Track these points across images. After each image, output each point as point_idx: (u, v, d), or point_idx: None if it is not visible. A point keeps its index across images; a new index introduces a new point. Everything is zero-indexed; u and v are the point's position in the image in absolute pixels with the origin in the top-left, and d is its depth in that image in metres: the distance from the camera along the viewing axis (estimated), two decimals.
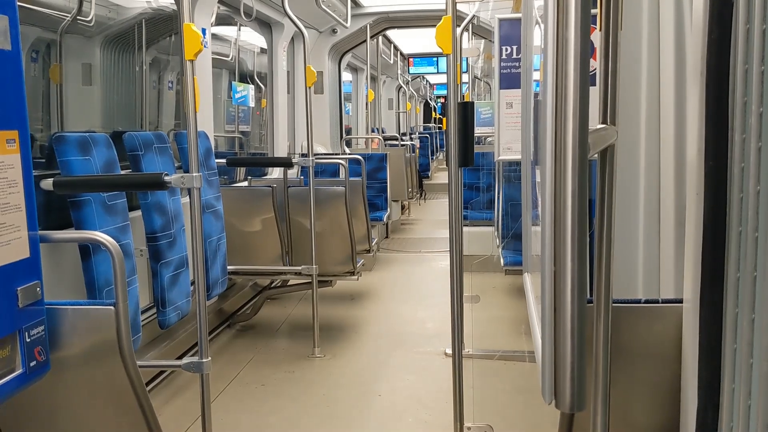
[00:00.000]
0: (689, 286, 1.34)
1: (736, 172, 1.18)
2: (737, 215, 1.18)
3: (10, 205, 1.37)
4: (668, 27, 2.02)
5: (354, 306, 5.19)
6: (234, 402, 3.44)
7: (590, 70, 0.76)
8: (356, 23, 7.00)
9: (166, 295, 2.99)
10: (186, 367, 2.46)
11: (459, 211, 2.63)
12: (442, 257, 6.84)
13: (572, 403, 0.81)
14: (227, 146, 6.01)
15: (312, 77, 4.00)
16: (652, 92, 2.10)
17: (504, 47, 3.63)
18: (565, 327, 0.79)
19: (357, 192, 4.92)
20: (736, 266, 1.18)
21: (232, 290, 4.65)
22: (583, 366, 0.79)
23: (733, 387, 1.19)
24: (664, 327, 1.47)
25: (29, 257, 1.45)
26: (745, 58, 1.16)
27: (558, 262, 0.79)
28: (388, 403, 3.42)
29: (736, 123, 1.18)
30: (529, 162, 2.32)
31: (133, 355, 1.60)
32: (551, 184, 0.78)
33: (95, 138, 2.69)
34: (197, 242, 2.46)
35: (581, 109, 0.76)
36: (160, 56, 4.72)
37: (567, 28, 0.76)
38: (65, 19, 3.54)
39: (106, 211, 2.62)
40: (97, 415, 1.71)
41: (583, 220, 0.79)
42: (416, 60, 13.32)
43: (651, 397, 1.50)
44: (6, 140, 1.36)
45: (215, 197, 3.70)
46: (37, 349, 1.46)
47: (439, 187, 12.31)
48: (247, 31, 6.16)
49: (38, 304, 1.49)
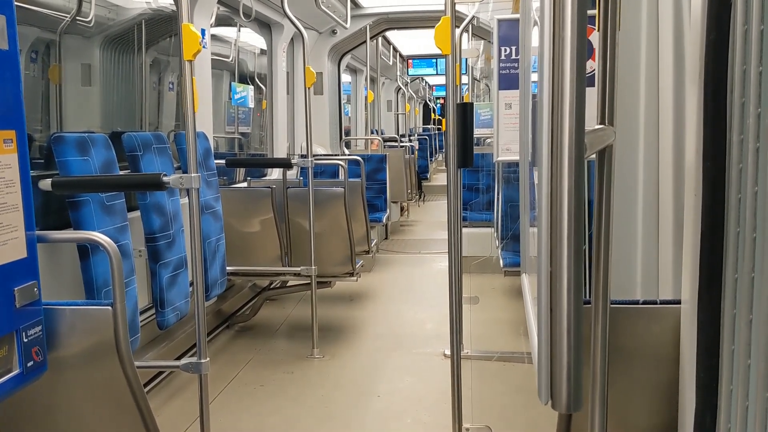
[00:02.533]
0: (687, 287, 1.34)
1: (734, 172, 1.18)
2: (735, 216, 1.18)
3: (7, 205, 1.37)
4: (667, 28, 2.03)
5: (353, 307, 5.18)
6: (233, 402, 3.44)
7: (589, 70, 0.77)
8: (356, 24, 7.00)
9: (164, 295, 2.98)
10: (185, 368, 2.46)
11: (458, 212, 2.63)
12: (441, 258, 6.84)
13: (568, 403, 0.81)
14: (227, 147, 6.01)
15: (311, 78, 4.00)
16: (650, 93, 2.10)
17: (503, 48, 3.63)
18: (561, 326, 0.79)
19: (356, 193, 4.92)
20: (734, 267, 1.18)
21: (231, 291, 4.65)
22: (579, 366, 0.79)
23: (731, 388, 1.19)
24: (662, 328, 1.47)
25: (26, 257, 1.45)
26: (743, 59, 1.16)
27: (554, 262, 0.79)
28: (387, 404, 3.42)
29: (734, 124, 1.18)
30: (527, 163, 2.32)
31: (131, 356, 1.60)
32: (548, 184, 0.78)
33: (94, 138, 2.68)
34: (196, 243, 2.46)
35: (578, 108, 0.76)
36: (160, 57, 4.72)
37: (564, 28, 0.76)
38: (64, 20, 3.54)
39: (104, 211, 2.62)
40: (95, 415, 1.71)
41: (579, 220, 0.78)
42: (415, 61, 13.32)
43: (649, 398, 1.50)
44: (3, 140, 1.36)
45: (214, 198, 3.70)
46: (34, 349, 1.46)
47: (438, 188, 12.32)
48: (247, 32, 6.16)
49: (35, 304, 1.49)
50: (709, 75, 1.23)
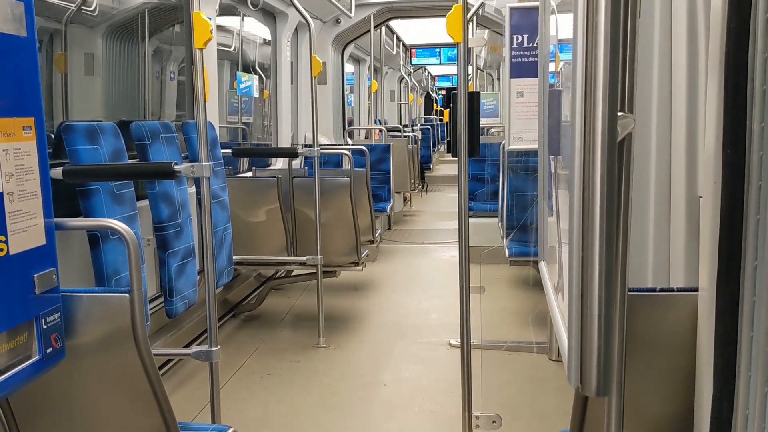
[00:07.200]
0: (705, 274, 1.34)
1: (755, 160, 1.18)
2: (755, 203, 1.18)
3: (26, 192, 1.37)
4: (680, 15, 2.02)
5: (358, 297, 5.20)
6: (240, 391, 3.46)
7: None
8: (360, 13, 6.97)
9: (173, 284, 2.99)
10: (196, 356, 2.47)
11: (467, 202, 2.64)
12: (445, 249, 6.85)
13: (598, 387, 0.81)
14: (229, 137, 6.00)
15: (318, 67, 3.99)
16: (663, 81, 2.10)
17: (515, 36, 3.64)
18: (592, 311, 0.79)
19: (361, 183, 4.91)
20: (754, 254, 1.18)
21: (237, 280, 4.66)
22: (610, 351, 0.80)
23: (749, 375, 1.19)
24: (678, 316, 1.47)
25: (45, 244, 1.45)
26: (765, 47, 1.16)
27: (585, 248, 0.79)
28: (393, 393, 3.44)
29: (755, 112, 1.18)
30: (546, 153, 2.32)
31: (148, 343, 1.61)
32: (580, 170, 0.78)
33: (103, 127, 2.68)
34: (207, 231, 2.46)
35: (611, 92, 0.76)
36: (163, 47, 4.71)
37: (597, 13, 0.76)
38: (69, 9, 3.53)
39: (114, 200, 2.62)
40: (111, 401, 1.72)
41: (612, 206, 0.79)
42: (418, 51, 13.29)
43: (665, 385, 1.51)
44: (23, 127, 1.36)
45: (221, 187, 3.70)
46: (53, 335, 1.47)
47: (441, 179, 12.31)
48: (250, 22, 6.14)
49: (54, 291, 1.50)
50: (730, 63, 1.22)
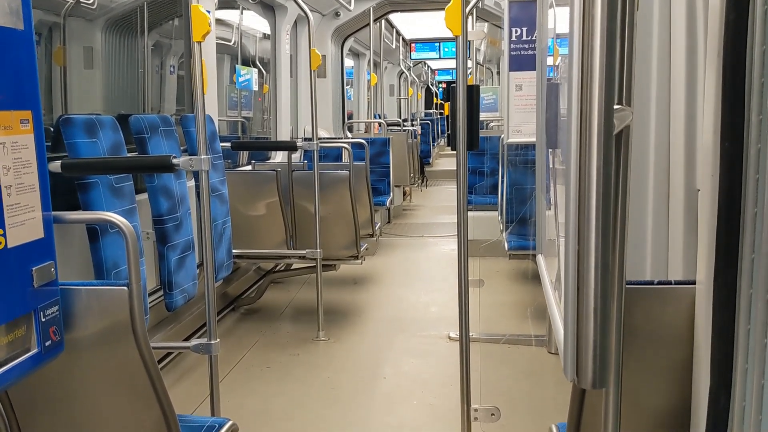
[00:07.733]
0: (702, 266, 1.34)
1: (753, 153, 1.18)
2: (753, 196, 1.18)
3: (24, 185, 1.37)
4: (679, 7, 2.01)
5: (357, 290, 5.20)
6: (239, 384, 3.46)
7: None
8: (360, 6, 6.96)
9: (172, 277, 2.99)
10: (195, 349, 2.47)
11: (466, 195, 2.64)
12: (444, 242, 6.85)
13: (594, 379, 0.82)
14: (229, 131, 6.00)
15: (317, 60, 3.99)
16: (662, 73, 2.09)
17: (514, 29, 3.65)
18: (588, 304, 0.80)
19: (360, 176, 4.91)
20: (751, 247, 1.18)
21: (237, 274, 4.66)
22: (606, 343, 0.80)
23: (746, 367, 1.20)
24: (676, 308, 1.47)
25: (43, 237, 1.45)
26: (763, 39, 1.16)
27: (581, 240, 0.79)
28: (392, 386, 3.44)
29: (753, 104, 1.18)
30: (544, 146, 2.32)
31: (147, 336, 1.61)
32: (576, 162, 0.78)
33: (102, 120, 2.68)
34: (206, 225, 2.46)
35: (607, 84, 0.76)
36: (162, 40, 4.70)
37: (593, 5, 0.76)
38: (68, 2, 3.52)
39: (113, 193, 2.62)
40: (110, 394, 1.72)
41: (608, 199, 0.79)
42: (418, 45, 13.25)
43: (662, 378, 1.51)
44: (20, 120, 1.36)
45: (220, 181, 3.70)
46: (51, 329, 1.47)
47: (441, 173, 12.31)
48: (249, 16, 6.12)
49: (52, 284, 1.50)
50: (728, 55, 1.22)
